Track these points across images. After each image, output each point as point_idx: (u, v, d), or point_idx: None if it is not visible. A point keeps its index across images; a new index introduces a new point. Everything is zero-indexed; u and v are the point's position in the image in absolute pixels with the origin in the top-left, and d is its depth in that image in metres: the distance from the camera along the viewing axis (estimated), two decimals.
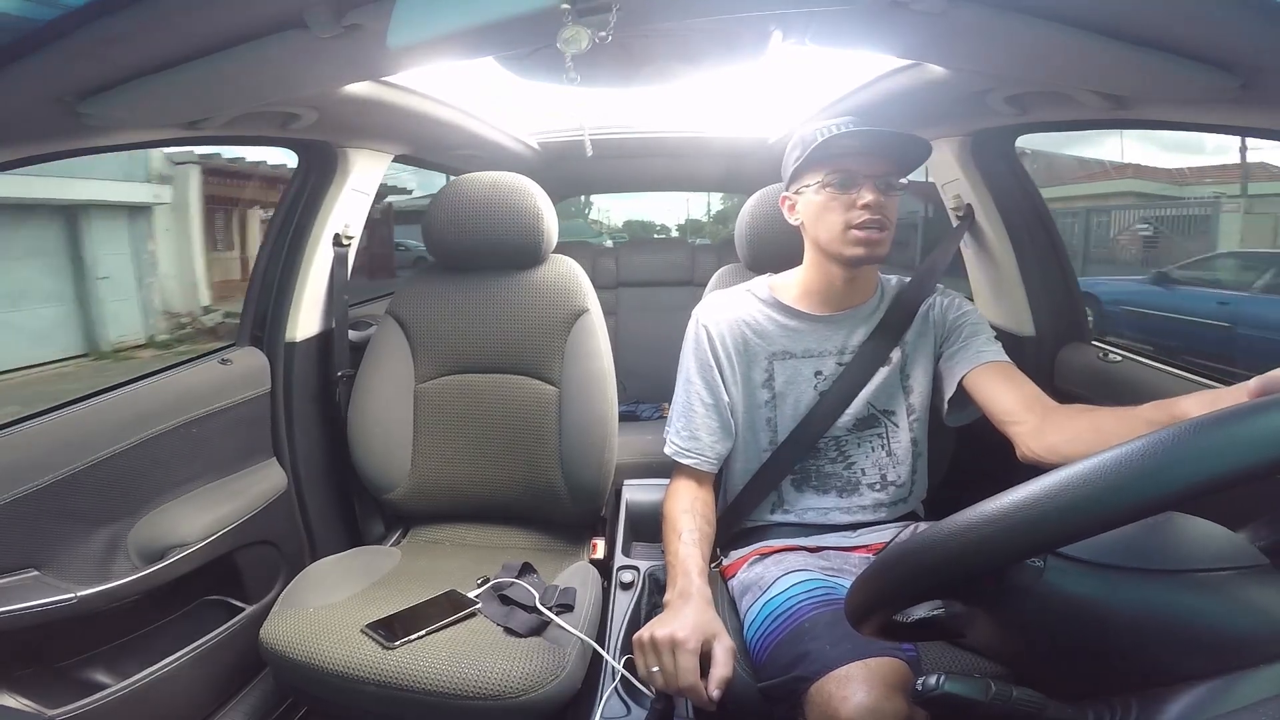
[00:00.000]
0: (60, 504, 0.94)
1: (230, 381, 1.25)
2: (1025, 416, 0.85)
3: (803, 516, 1.03)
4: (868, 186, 0.92)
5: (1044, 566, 0.42)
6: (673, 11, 0.71)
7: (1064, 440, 0.79)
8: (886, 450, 1.03)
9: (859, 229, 0.92)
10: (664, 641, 0.75)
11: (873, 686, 0.70)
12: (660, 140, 2.11)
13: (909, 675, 0.73)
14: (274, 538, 1.28)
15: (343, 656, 0.93)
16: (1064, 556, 0.43)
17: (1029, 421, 0.84)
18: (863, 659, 0.72)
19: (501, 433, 1.30)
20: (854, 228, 0.93)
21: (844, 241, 0.94)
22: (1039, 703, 0.42)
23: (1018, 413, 0.86)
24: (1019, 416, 0.86)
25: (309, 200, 1.38)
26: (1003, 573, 0.42)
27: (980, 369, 0.94)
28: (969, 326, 1.00)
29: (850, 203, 0.93)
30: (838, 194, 0.94)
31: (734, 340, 1.03)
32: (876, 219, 0.92)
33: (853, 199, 0.93)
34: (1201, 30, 0.61)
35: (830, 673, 0.73)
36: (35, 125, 0.79)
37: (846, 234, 0.93)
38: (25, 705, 0.87)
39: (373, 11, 0.65)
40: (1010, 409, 0.87)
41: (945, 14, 0.66)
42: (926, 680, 0.44)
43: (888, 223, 0.93)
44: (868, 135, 0.92)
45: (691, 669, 0.73)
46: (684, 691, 0.73)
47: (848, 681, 0.71)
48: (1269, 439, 0.32)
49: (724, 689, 0.73)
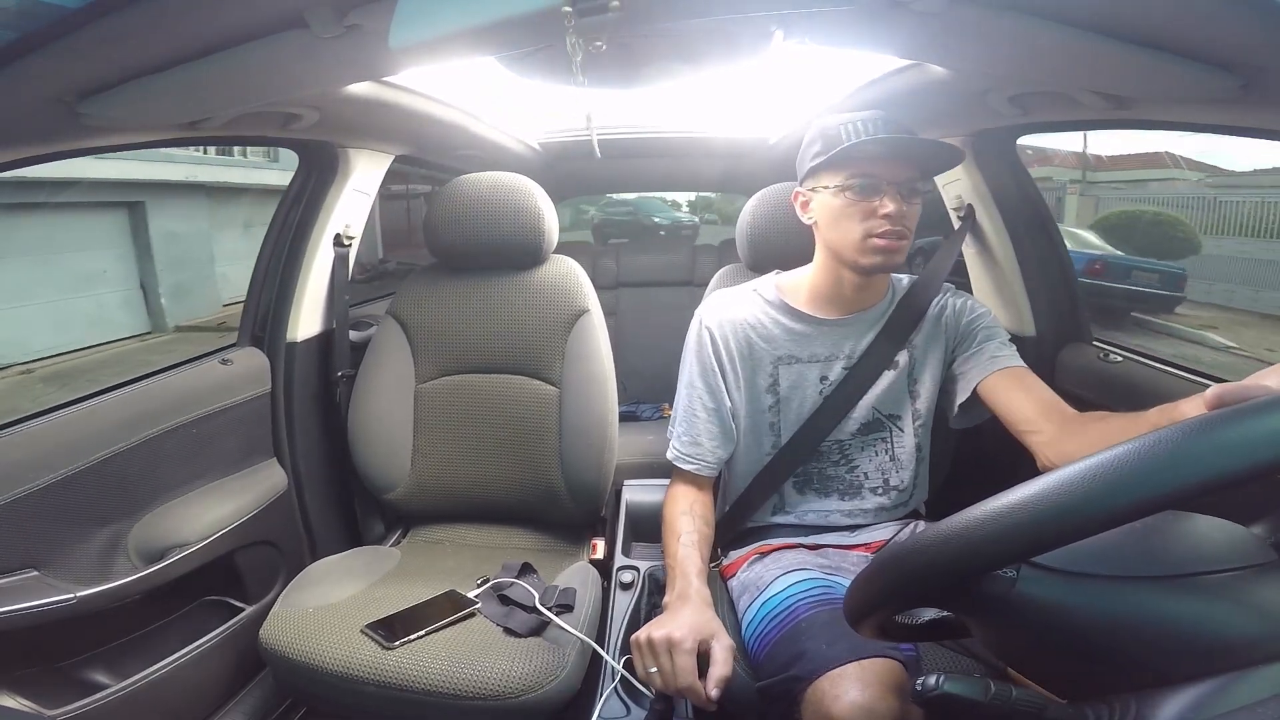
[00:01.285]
0: (60, 504, 0.94)
1: (231, 382, 1.25)
2: (1043, 425, 0.83)
3: (803, 518, 1.03)
4: (890, 194, 0.87)
5: (1016, 577, 0.42)
6: (674, 11, 0.71)
7: (1079, 449, 0.77)
8: (890, 454, 1.02)
9: (880, 238, 0.88)
10: (660, 642, 0.74)
11: (866, 685, 0.70)
12: (661, 140, 2.11)
13: (904, 675, 0.73)
14: (274, 538, 1.28)
15: (342, 657, 0.93)
16: (1038, 566, 0.43)
17: (1046, 431, 0.83)
18: (858, 659, 0.72)
19: (502, 433, 1.30)
20: (874, 236, 0.89)
21: (861, 250, 0.90)
22: (1039, 703, 0.42)
23: (1035, 421, 0.84)
24: (1037, 425, 0.84)
25: (310, 200, 1.38)
26: (974, 583, 0.43)
27: (996, 375, 0.92)
28: (983, 331, 0.97)
29: (871, 210, 0.88)
30: (858, 200, 0.89)
31: (738, 344, 1.01)
32: (898, 229, 0.88)
33: (874, 206, 0.88)
34: (1201, 30, 0.61)
35: (826, 672, 0.73)
36: (35, 125, 0.79)
37: (865, 242, 0.89)
38: (25, 705, 0.87)
39: (374, 12, 0.65)
40: (1028, 418, 0.85)
41: (945, 14, 0.66)
42: (926, 680, 0.44)
43: (907, 232, 0.90)
44: (892, 142, 0.87)
45: (689, 669, 0.73)
46: (682, 692, 0.73)
47: (842, 680, 0.71)
48: (1214, 456, 0.33)
49: (723, 688, 0.73)
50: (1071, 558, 0.42)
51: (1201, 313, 3.48)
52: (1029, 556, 0.41)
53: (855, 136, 0.88)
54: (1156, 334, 3.40)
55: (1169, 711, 0.38)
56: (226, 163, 4.61)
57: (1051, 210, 1.34)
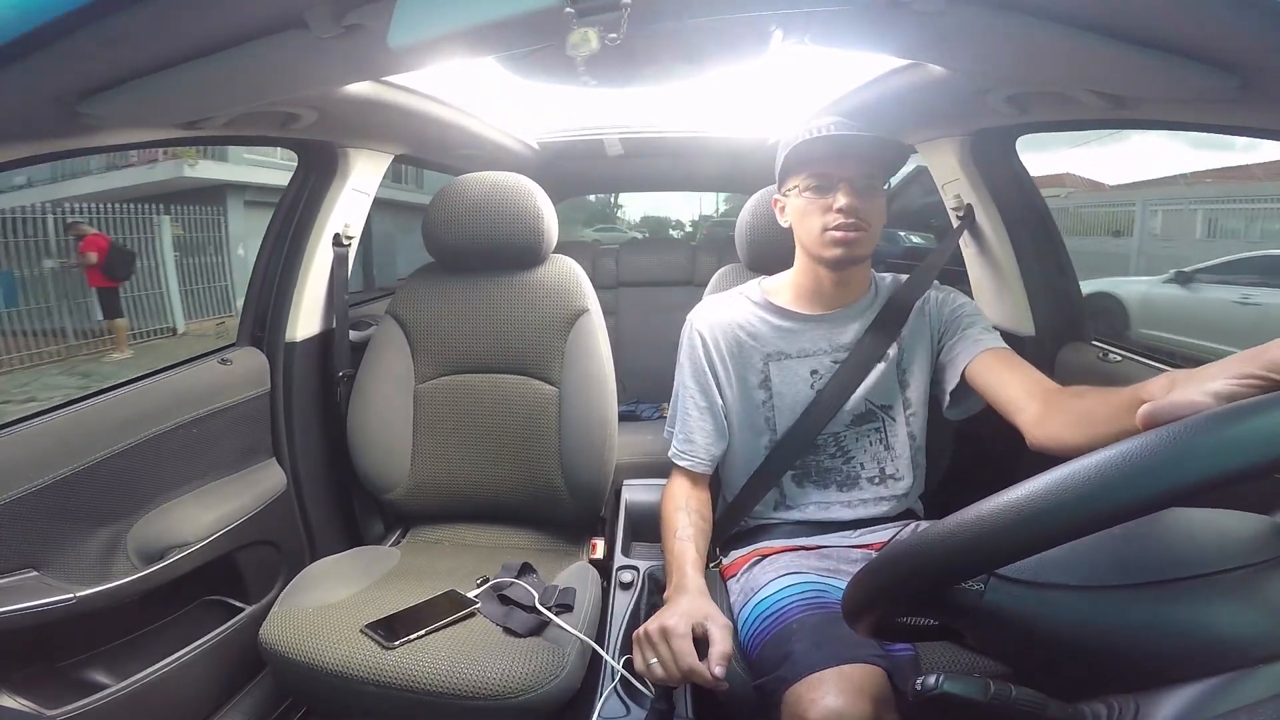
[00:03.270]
0: (60, 504, 0.94)
1: (230, 381, 1.25)
2: (1027, 404, 0.85)
3: (805, 512, 1.04)
4: (843, 189, 0.94)
5: (984, 589, 0.43)
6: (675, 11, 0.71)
7: (1061, 427, 0.79)
8: (884, 444, 1.04)
9: (836, 230, 0.94)
10: (655, 632, 0.76)
11: (842, 692, 0.71)
12: (661, 140, 2.11)
13: (885, 683, 0.74)
14: (274, 538, 1.28)
15: (342, 656, 0.93)
16: (1005, 578, 0.43)
17: (1030, 409, 0.84)
18: (839, 664, 0.73)
19: (501, 433, 1.30)
20: (831, 230, 0.95)
21: (822, 243, 0.96)
22: (1039, 702, 0.42)
23: (1020, 400, 0.86)
24: (1022, 404, 0.85)
25: (309, 200, 1.38)
26: (946, 594, 0.44)
27: (981, 357, 0.94)
28: (965, 318, 1.01)
29: (827, 206, 0.95)
30: (815, 197, 0.96)
31: (727, 343, 1.04)
32: (851, 221, 0.94)
33: (829, 202, 0.95)
34: (1201, 30, 0.61)
35: (805, 677, 0.74)
36: (35, 125, 0.79)
37: (824, 235, 0.96)
38: (25, 705, 0.87)
39: (373, 11, 0.65)
40: (1013, 397, 0.87)
41: (945, 14, 0.66)
42: (925, 680, 0.44)
43: (865, 224, 0.95)
44: (838, 140, 0.94)
45: (687, 651, 0.73)
46: (686, 675, 0.73)
47: (819, 685, 0.72)
48: (1171, 469, 0.34)
49: (726, 664, 0.73)
50: (1040, 569, 0.43)
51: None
52: (981, 572, 0.43)
53: (807, 139, 0.96)
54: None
55: (1169, 711, 0.38)
56: (396, 187, 8.10)
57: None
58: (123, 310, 6.26)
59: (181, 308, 6.91)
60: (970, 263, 1.39)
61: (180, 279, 6.93)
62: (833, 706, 0.70)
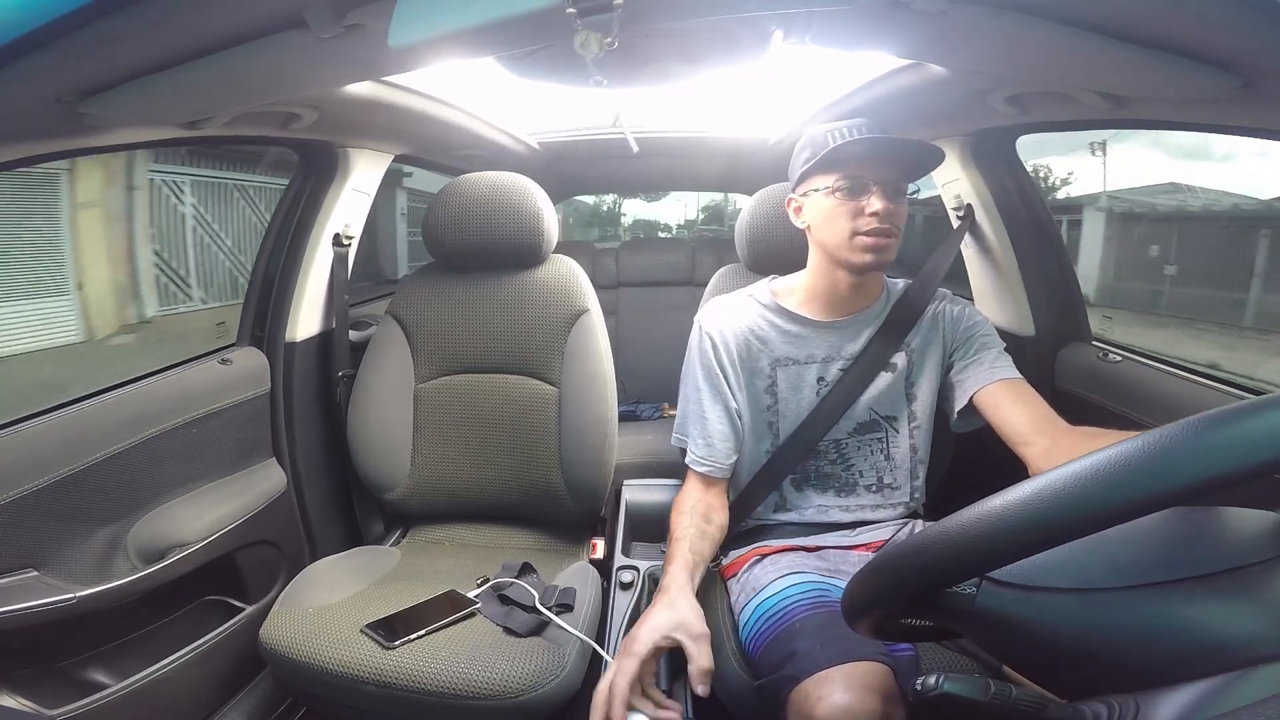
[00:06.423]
0: (60, 504, 0.94)
1: (230, 381, 1.25)
2: (1036, 439, 0.85)
3: (804, 515, 1.04)
4: (877, 193, 0.91)
5: (976, 592, 0.43)
6: (675, 11, 0.71)
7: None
8: (885, 454, 1.03)
9: (868, 235, 0.92)
10: (599, 706, 0.75)
11: (849, 688, 0.71)
12: (661, 140, 2.11)
13: (892, 680, 0.74)
14: (274, 538, 1.28)
15: (342, 656, 0.93)
16: (996, 582, 0.44)
17: (1039, 444, 0.84)
18: (846, 662, 0.73)
19: (501, 433, 1.30)
20: (862, 234, 0.92)
21: (852, 248, 0.93)
22: (1039, 702, 0.42)
23: (1029, 435, 0.86)
24: (1030, 439, 0.86)
25: (309, 200, 1.38)
26: (939, 598, 0.44)
27: (993, 386, 0.94)
28: (980, 339, 0.99)
29: (859, 209, 0.92)
30: (847, 200, 0.93)
31: (738, 347, 1.03)
32: (885, 226, 0.91)
33: (861, 205, 0.92)
34: (1201, 30, 0.61)
35: (812, 674, 0.74)
36: (35, 125, 0.79)
37: (854, 240, 0.93)
38: (25, 705, 0.87)
39: (373, 11, 0.65)
40: (1021, 431, 0.87)
41: (945, 14, 0.66)
42: (926, 680, 0.44)
43: (895, 229, 0.93)
44: (879, 142, 0.91)
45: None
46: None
47: (826, 682, 0.72)
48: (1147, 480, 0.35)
49: (708, 680, 0.74)
50: (1032, 572, 0.43)
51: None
52: (971, 576, 0.43)
53: (843, 140, 0.92)
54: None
55: (1169, 711, 0.37)
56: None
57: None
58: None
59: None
60: (970, 263, 1.39)
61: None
62: (840, 703, 0.70)
